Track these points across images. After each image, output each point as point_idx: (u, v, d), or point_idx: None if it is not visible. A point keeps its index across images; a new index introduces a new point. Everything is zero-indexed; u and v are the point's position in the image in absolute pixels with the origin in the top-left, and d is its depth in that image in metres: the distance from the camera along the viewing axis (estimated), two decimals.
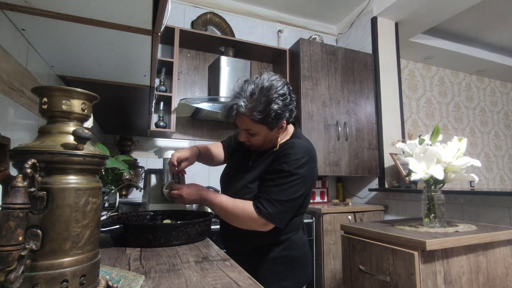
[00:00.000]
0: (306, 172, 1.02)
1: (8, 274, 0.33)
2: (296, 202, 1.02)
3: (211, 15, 2.82)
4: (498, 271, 1.30)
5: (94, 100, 0.48)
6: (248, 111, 0.99)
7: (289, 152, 1.02)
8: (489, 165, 4.50)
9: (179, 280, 0.60)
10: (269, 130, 1.03)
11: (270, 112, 0.98)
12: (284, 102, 1.00)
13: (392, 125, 2.92)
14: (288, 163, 1.00)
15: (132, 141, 2.53)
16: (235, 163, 1.24)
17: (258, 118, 0.99)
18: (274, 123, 1.02)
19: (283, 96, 1.00)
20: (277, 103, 0.99)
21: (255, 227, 1.00)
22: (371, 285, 1.32)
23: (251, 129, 1.03)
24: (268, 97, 0.98)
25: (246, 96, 1.00)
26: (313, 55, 2.76)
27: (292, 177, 0.99)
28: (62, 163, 0.41)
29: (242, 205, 1.01)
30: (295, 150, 1.02)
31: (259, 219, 0.97)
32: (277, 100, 0.99)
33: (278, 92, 1.00)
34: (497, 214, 1.86)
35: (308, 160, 1.03)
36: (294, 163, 1.00)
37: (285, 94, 1.01)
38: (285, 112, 1.02)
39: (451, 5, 2.73)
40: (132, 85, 1.24)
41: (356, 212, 2.52)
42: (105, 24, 0.76)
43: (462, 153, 1.29)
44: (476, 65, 4.27)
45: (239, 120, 1.04)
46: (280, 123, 1.04)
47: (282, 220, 1.00)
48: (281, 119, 1.02)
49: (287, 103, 1.02)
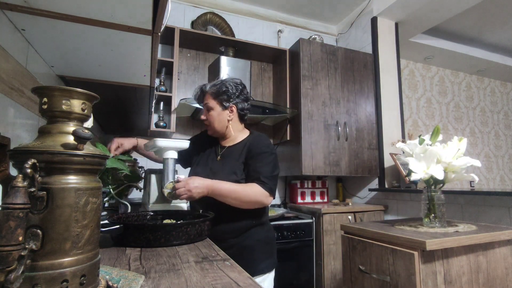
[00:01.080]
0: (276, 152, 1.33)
1: (8, 274, 0.33)
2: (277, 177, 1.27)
3: (211, 15, 2.82)
4: (498, 271, 1.30)
5: (94, 100, 0.48)
6: (209, 88, 1.32)
7: (259, 139, 1.31)
8: (489, 165, 4.50)
9: (179, 280, 0.60)
10: (221, 108, 1.30)
11: (221, 87, 1.29)
12: (235, 87, 1.31)
13: (392, 125, 2.92)
14: (265, 145, 1.28)
15: None
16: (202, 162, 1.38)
17: (213, 91, 1.30)
18: (224, 99, 1.29)
19: (235, 83, 1.32)
20: (230, 84, 1.30)
21: (264, 201, 1.19)
22: (371, 285, 1.32)
23: (208, 102, 1.31)
24: (224, 80, 1.34)
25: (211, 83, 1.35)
26: (313, 55, 2.76)
27: (272, 156, 1.26)
28: (62, 163, 0.41)
29: (249, 186, 1.19)
30: (263, 138, 1.32)
31: (265, 193, 1.19)
32: (230, 82, 1.31)
33: (233, 80, 1.34)
34: (497, 214, 1.86)
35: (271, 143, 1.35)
36: (268, 144, 1.30)
37: (238, 83, 1.33)
38: (234, 96, 1.30)
39: (451, 5, 2.73)
40: (132, 85, 1.24)
41: (356, 212, 2.52)
42: (105, 24, 0.76)
43: (462, 153, 1.29)
44: (476, 65, 4.27)
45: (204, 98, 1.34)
46: (230, 105, 1.30)
47: (274, 192, 1.23)
48: (231, 99, 1.30)
49: (239, 89, 1.32)
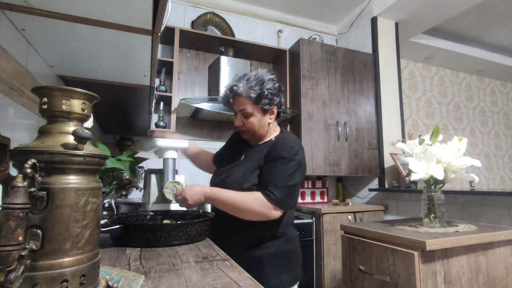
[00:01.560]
0: (301, 159, 1.12)
1: (8, 274, 0.33)
2: (297, 187, 1.11)
3: (211, 15, 2.82)
4: (498, 271, 1.30)
5: (94, 100, 0.48)
6: (245, 91, 1.13)
7: (283, 142, 1.13)
8: (489, 165, 4.50)
9: (179, 280, 0.60)
10: (262, 114, 1.15)
11: (264, 91, 1.12)
12: (274, 86, 1.15)
13: (392, 125, 2.92)
14: (286, 150, 1.10)
15: (132, 141, 2.53)
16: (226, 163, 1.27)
17: (253, 96, 1.12)
18: (267, 104, 1.14)
19: (273, 81, 1.16)
20: (270, 84, 1.14)
21: (266, 214, 1.04)
22: (371, 285, 1.32)
23: (246, 108, 1.13)
24: (261, 79, 1.14)
25: (243, 81, 1.15)
26: (313, 55, 2.76)
27: (291, 162, 1.08)
28: (62, 163, 0.41)
29: (251, 195, 1.05)
30: (288, 140, 1.14)
31: (269, 205, 1.04)
32: (269, 82, 1.14)
33: (269, 77, 1.16)
34: (497, 214, 1.86)
35: (299, 148, 1.14)
36: (291, 149, 1.10)
37: (275, 80, 1.17)
38: (275, 97, 1.15)
39: (451, 5, 2.73)
40: (132, 85, 1.24)
41: (356, 212, 2.52)
42: (105, 24, 0.76)
43: (462, 153, 1.29)
44: (476, 65, 4.27)
45: (236, 102, 1.15)
46: (272, 108, 1.16)
47: (287, 205, 1.08)
48: (273, 102, 1.15)
49: (277, 88, 1.17)
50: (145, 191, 1.42)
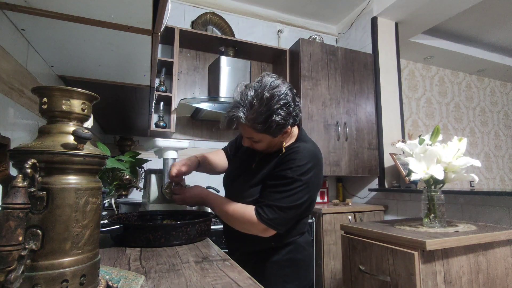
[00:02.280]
0: (310, 179, 0.99)
1: (8, 274, 0.33)
2: (299, 209, 0.99)
3: (211, 15, 2.82)
4: (498, 271, 1.30)
5: (94, 100, 0.48)
6: (249, 122, 0.95)
7: (293, 157, 0.99)
8: (489, 165, 4.50)
9: (179, 280, 0.60)
10: (272, 138, 1.00)
11: (272, 124, 0.94)
12: (287, 111, 0.95)
13: (392, 125, 2.92)
14: (292, 169, 0.97)
15: (132, 141, 2.53)
16: (238, 165, 1.21)
17: (259, 129, 0.95)
18: (277, 132, 0.98)
19: (285, 105, 0.95)
20: (280, 114, 0.94)
21: (255, 232, 0.99)
22: (371, 285, 1.32)
23: (253, 137, 1.01)
24: (269, 108, 0.93)
25: (246, 105, 0.95)
26: (313, 55, 2.76)
27: (295, 183, 0.96)
28: (62, 163, 0.41)
29: (243, 210, 1.00)
30: (299, 156, 0.99)
31: (258, 224, 0.96)
32: (279, 110, 0.94)
33: (280, 102, 0.94)
34: (497, 214, 1.86)
35: (313, 166, 1.00)
36: (298, 169, 0.97)
37: (288, 102, 0.96)
38: (288, 120, 0.97)
39: (451, 5, 2.73)
40: (132, 85, 1.24)
41: (356, 212, 2.52)
42: (105, 24, 0.76)
43: (462, 153, 1.29)
44: (476, 65, 4.27)
45: (242, 128, 1.01)
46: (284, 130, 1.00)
47: (283, 226, 0.99)
48: (285, 127, 0.98)
49: (291, 111, 0.97)
50: (145, 191, 1.42)
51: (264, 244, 1.04)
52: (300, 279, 1.06)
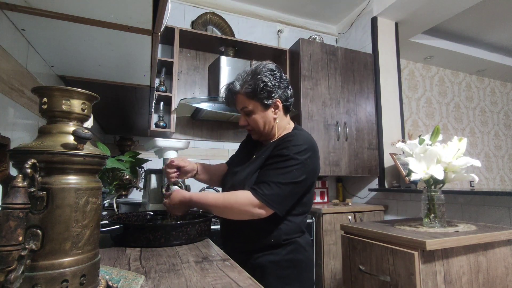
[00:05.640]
0: (306, 160, 1.00)
1: (8, 274, 0.33)
2: (295, 187, 0.98)
3: (211, 15, 2.82)
4: (498, 271, 1.30)
5: (94, 100, 0.48)
6: (241, 87, 1.07)
7: (289, 139, 1.03)
8: (489, 165, 4.50)
9: (179, 280, 0.60)
10: (263, 108, 1.07)
11: (258, 83, 1.03)
12: (273, 77, 1.06)
13: (392, 125, 2.92)
14: (288, 148, 0.99)
15: (132, 141, 2.53)
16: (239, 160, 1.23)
17: (249, 91, 1.05)
18: (265, 97, 1.05)
19: (271, 71, 1.06)
20: (266, 76, 1.04)
21: (252, 212, 0.95)
22: (371, 285, 1.32)
23: (246, 105, 1.07)
24: (256, 71, 1.06)
25: (239, 78, 1.09)
26: (313, 55, 2.76)
27: (290, 161, 0.97)
28: (62, 163, 0.41)
29: (235, 193, 0.99)
30: (295, 138, 1.02)
31: (254, 201, 0.94)
32: (265, 73, 1.05)
33: (266, 67, 1.07)
34: (497, 214, 1.86)
35: (308, 148, 1.01)
36: (294, 148, 0.99)
37: (274, 70, 1.07)
38: (275, 88, 1.06)
39: (451, 5, 2.73)
40: (132, 85, 1.24)
41: (356, 212, 2.52)
42: (105, 24, 0.76)
43: (462, 153, 1.29)
44: (476, 65, 4.27)
45: (236, 101, 1.10)
46: (274, 101, 1.07)
47: (280, 205, 0.96)
48: (273, 94, 1.06)
49: (277, 79, 1.07)
50: (145, 191, 1.42)
51: (263, 241, 1.02)
52: (301, 280, 1.04)
